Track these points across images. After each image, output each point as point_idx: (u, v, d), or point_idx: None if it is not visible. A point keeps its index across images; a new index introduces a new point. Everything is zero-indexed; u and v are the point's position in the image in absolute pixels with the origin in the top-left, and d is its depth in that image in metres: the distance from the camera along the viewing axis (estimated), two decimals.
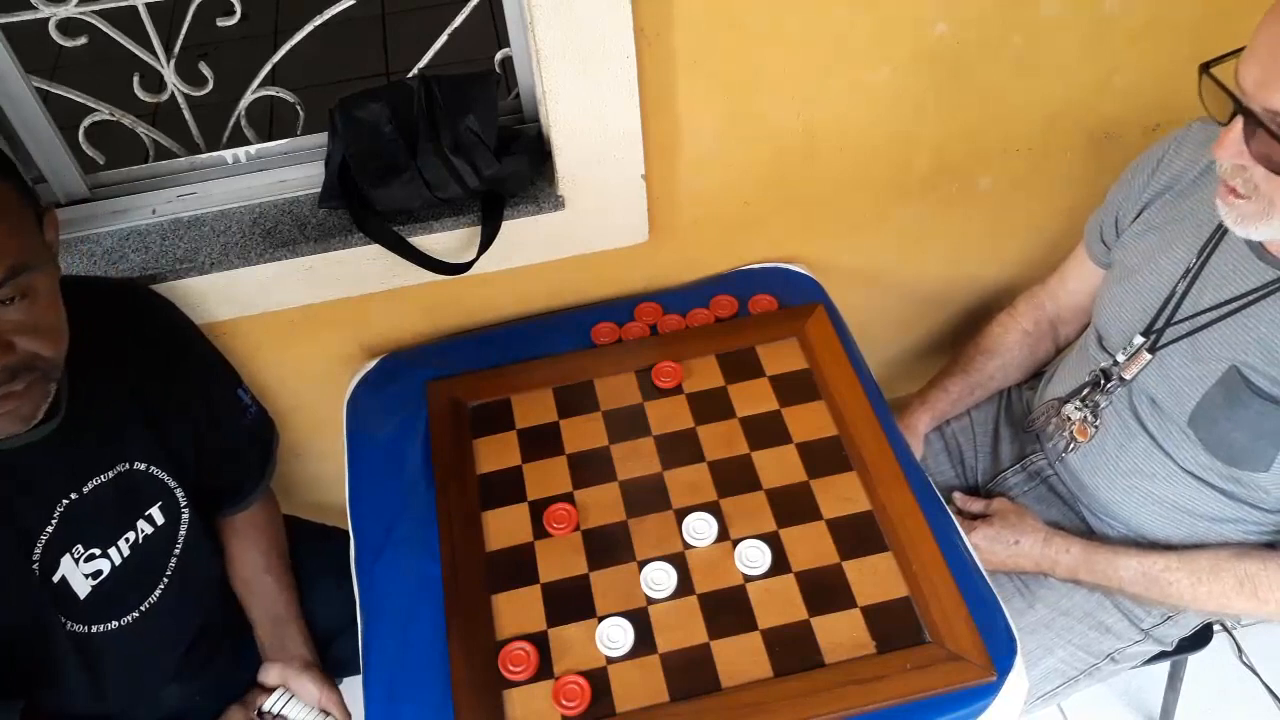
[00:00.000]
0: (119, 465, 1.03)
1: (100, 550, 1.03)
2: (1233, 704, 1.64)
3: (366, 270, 1.31)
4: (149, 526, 1.08)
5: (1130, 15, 1.30)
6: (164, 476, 1.08)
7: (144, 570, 1.08)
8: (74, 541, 1.00)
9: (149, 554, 1.08)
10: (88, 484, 1.00)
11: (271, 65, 1.25)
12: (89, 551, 1.02)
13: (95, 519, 1.02)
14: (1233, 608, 1.09)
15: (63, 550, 1.00)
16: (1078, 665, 1.21)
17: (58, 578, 1.00)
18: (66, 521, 0.99)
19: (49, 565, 0.99)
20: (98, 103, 1.24)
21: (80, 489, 1.00)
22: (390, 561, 1.17)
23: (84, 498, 1.00)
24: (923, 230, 1.53)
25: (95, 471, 1.01)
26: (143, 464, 1.06)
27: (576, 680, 1.03)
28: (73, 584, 1.01)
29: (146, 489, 1.07)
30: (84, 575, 1.02)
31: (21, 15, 1.14)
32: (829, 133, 1.35)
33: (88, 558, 1.02)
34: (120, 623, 1.06)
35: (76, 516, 1.00)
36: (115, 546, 1.04)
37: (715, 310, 1.39)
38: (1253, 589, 1.06)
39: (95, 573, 1.03)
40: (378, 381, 1.38)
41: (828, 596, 1.08)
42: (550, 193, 1.31)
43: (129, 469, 1.04)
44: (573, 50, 1.16)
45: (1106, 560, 1.14)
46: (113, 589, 1.05)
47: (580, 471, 1.22)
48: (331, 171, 1.27)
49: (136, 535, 1.06)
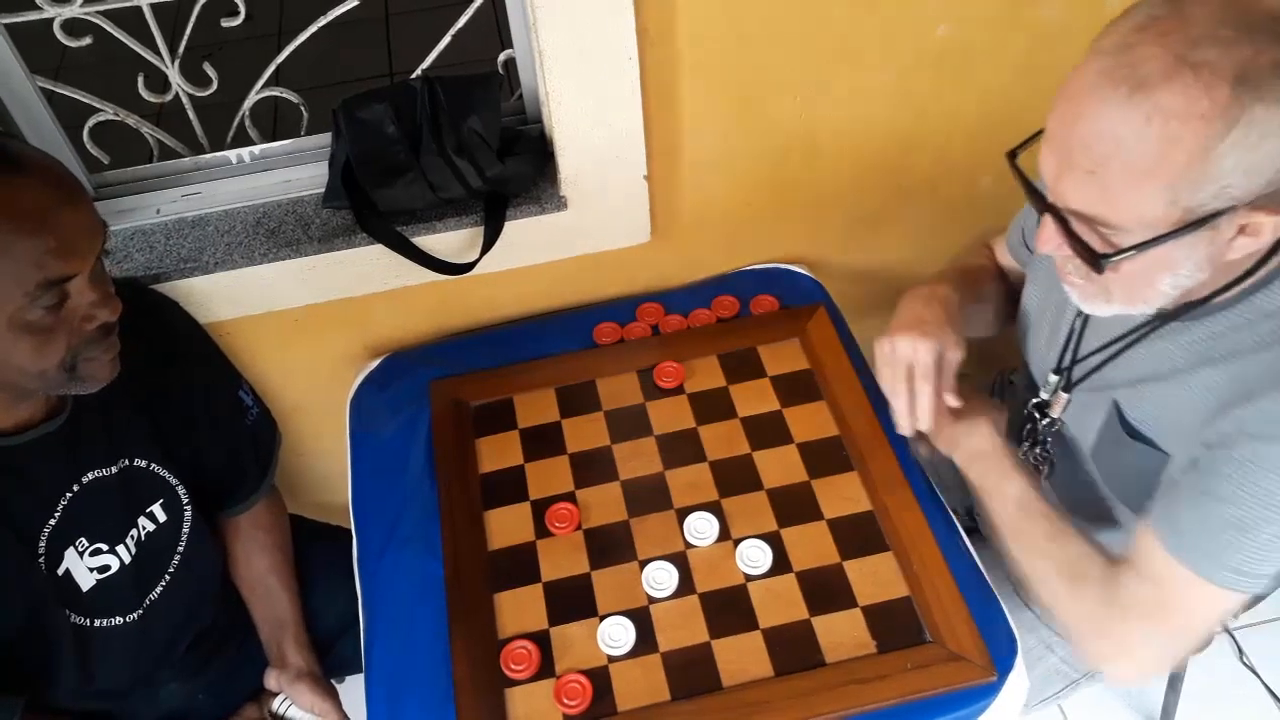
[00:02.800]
0: (120, 461, 1.04)
1: (107, 546, 1.04)
2: (1233, 705, 1.64)
3: (370, 270, 1.31)
4: (151, 523, 1.08)
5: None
6: (165, 474, 1.09)
7: (147, 567, 1.09)
8: (77, 535, 1.01)
9: (152, 551, 1.09)
10: (88, 475, 1.02)
11: (276, 66, 1.26)
12: (94, 545, 1.03)
13: (97, 513, 1.03)
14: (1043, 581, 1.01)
15: (66, 543, 1.01)
16: (1079, 666, 1.21)
17: (62, 570, 1.01)
18: (69, 515, 1.00)
19: (54, 558, 1.00)
20: (102, 103, 1.25)
21: (81, 480, 1.01)
22: (393, 560, 1.18)
23: (85, 490, 1.01)
24: (925, 231, 1.53)
25: (96, 465, 1.02)
26: (143, 461, 1.07)
27: (578, 679, 1.03)
28: (76, 577, 1.02)
29: (148, 485, 1.08)
30: (88, 569, 1.03)
31: (27, 15, 1.14)
32: (831, 133, 1.36)
33: (93, 552, 1.03)
34: (124, 619, 1.07)
35: (79, 510, 1.01)
36: (124, 544, 1.05)
37: (717, 310, 1.40)
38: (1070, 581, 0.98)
39: (103, 568, 1.04)
40: (381, 381, 1.38)
41: (829, 596, 1.08)
42: (553, 193, 1.31)
43: (130, 465, 1.05)
44: (576, 51, 1.16)
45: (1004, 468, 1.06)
46: (117, 585, 1.05)
47: (582, 471, 1.22)
48: (335, 172, 1.27)
49: (139, 532, 1.07)
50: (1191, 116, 0.70)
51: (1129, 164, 0.73)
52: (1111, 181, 0.75)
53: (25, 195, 0.82)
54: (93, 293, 0.88)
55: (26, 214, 0.82)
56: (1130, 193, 0.75)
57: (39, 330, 0.86)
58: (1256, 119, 0.69)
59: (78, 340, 0.89)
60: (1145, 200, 0.74)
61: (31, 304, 0.84)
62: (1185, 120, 0.70)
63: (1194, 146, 0.71)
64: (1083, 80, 0.75)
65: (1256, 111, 0.69)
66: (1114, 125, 0.73)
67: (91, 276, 0.88)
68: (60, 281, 0.85)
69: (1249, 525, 0.82)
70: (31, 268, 0.82)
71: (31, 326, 0.85)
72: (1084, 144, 0.75)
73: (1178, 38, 0.71)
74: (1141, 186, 0.74)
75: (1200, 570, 0.85)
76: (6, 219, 0.81)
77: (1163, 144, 0.72)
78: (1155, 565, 0.89)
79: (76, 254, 0.85)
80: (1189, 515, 0.86)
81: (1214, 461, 0.84)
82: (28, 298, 0.83)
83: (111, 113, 1.26)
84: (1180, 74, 0.70)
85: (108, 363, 0.93)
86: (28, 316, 0.84)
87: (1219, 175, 0.72)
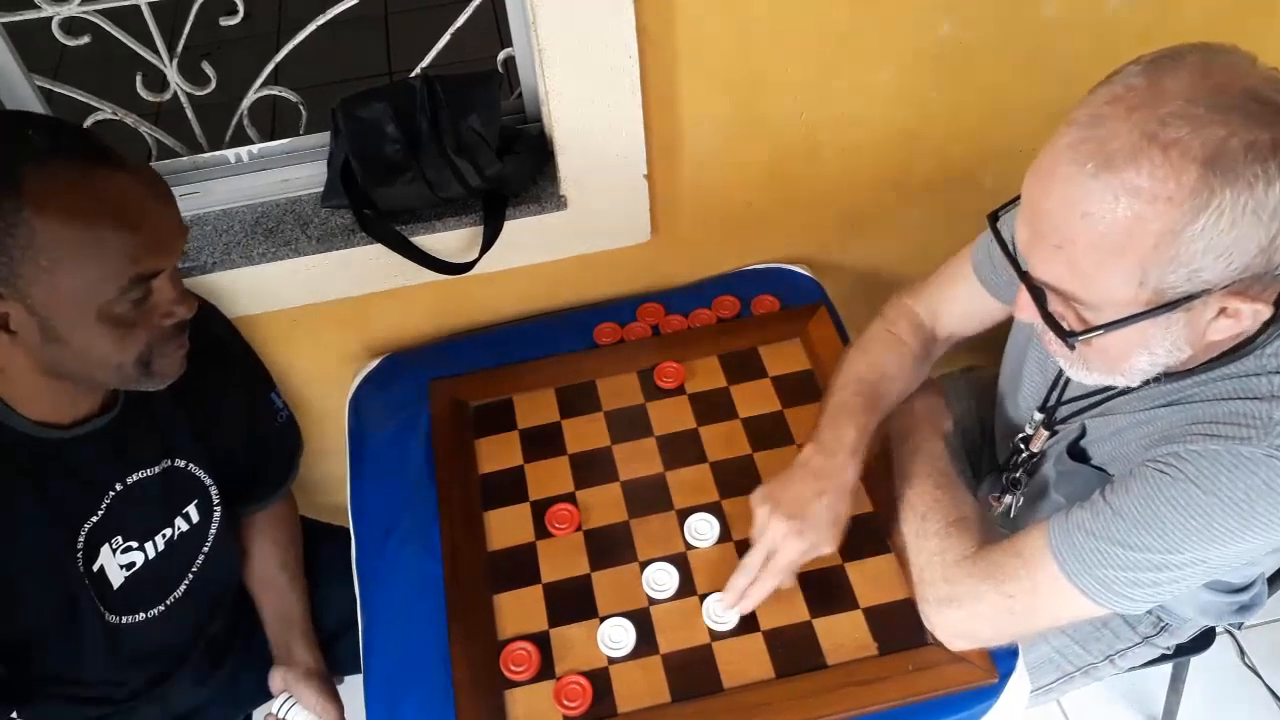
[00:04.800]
0: (164, 461, 1.06)
1: (137, 544, 1.05)
2: (1235, 705, 1.64)
3: (369, 270, 1.31)
4: (185, 524, 1.10)
5: (1134, 15, 1.30)
6: (201, 474, 1.10)
7: (173, 566, 1.09)
8: (115, 532, 1.02)
9: (180, 550, 1.10)
10: (134, 475, 1.03)
11: (274, 65, 1.25)
12: (126, 543, 1.04)
13: (138, 512, 1.04)
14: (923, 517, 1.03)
15: (104, 540, 1.02)
16: (1074, 660, 1.21)
17: (97, 567, 1.02)
18: (111, 512, 1.01)
19: (90, 554, 1.01)
20: (101, 102, 1.24)
21: (126, 479, 1.02)
22: (391, 561, 1.17)
23: (130, 490, 1.02)
24: (925, 231, 1.52)
25: (142, 465, 1.04)
26: (183, 461, 1.08)
27: (578, 680, 1.03)
28: (109, 574, 1.03)
29: (186, 486, 1.09)
30: (119, 566, 1.04)
31: (25, 14, 1.14)
32: (832, 133, 1.35)
33: (124, 549, 1.04)
34: (145, 615, 1.08)
35: (121, 508, 1.02)
36: (151, 541, 1.06)
37: (717, 311, 1.39)
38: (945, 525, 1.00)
39: (129, 564, 1.05)
40: (380, 381, 1.38)
41: (830, 598, 1.07)
42: (552, 192, 1.31)
43: (172, 465, 1.07)
44: (575, 50, 1.16)
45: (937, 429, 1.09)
46: (143, 582, 1.06)
47: (582, 471, 1.22)
48: (334, 171, 1.27)
49: (173, 531, 1.08)
50: (1158, 198, 0.68)
51: (1096, 243, 0.72)
52: (1079, 258, 0.74)
53: (125, 191, 0.85)
54: (172, 290, 0.91)
55: (125, 209, 0.84)
56: (1098, 271, 0.73)
57: (124, 324, 0.88)
58: (1227, 204, 0.67)
59: (155, 336, 0.91)
60: (1114, 279, 0.73)
61: (120, 297, 0.86)
62: (1152, 202, 0.69)
63: (1161, 229, 0.69)
64: (1054, 153, 0.74)
65: (1226, 196, 0.67)
66: (1082, 202, 0.71)
67: (172, 274, 0.91)
68: (149, 277, 0.87)
69: (1128, 543, 0.83)
70: (126, 262, 0.84)
71: (118, 319, 0.87)
72: (1052, 219, 0.74)
73: (1148, 113, 0.69)
74: (1109, 265, 0.72)
75: (1066, 568, 0.87)
76: (108, 213, 0.83)
77: (1130, 224, 0.70)
78: (1032, 547, 0.90)
79: (165, 251, 0.88)
80: (1081, 515, 0.87)
81: (1127, 479, 0.85)
82: (119, 291, 0.85)
83: (110, 112, 1.25)
84: (1148, 153, 0.68)
85: (179, 360, 0.96)
86: (116, 309, 0.86)
87: (1189, 259, 0.70)
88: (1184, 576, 0.84)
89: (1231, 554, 0.82)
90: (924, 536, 1.02)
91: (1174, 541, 0.81)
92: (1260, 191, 0.67)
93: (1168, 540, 0.81)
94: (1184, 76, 0.69)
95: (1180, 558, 0.82)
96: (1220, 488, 0.79)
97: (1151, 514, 0.82)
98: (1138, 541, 0.83)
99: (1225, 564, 0.83)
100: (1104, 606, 0.86)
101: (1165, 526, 0.81)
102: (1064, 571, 0.87)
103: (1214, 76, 0.69)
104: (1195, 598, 1.10)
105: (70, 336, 0.86)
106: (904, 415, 1.15)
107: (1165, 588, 0.84)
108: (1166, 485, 0.82)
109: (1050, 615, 0.92)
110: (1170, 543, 0.81)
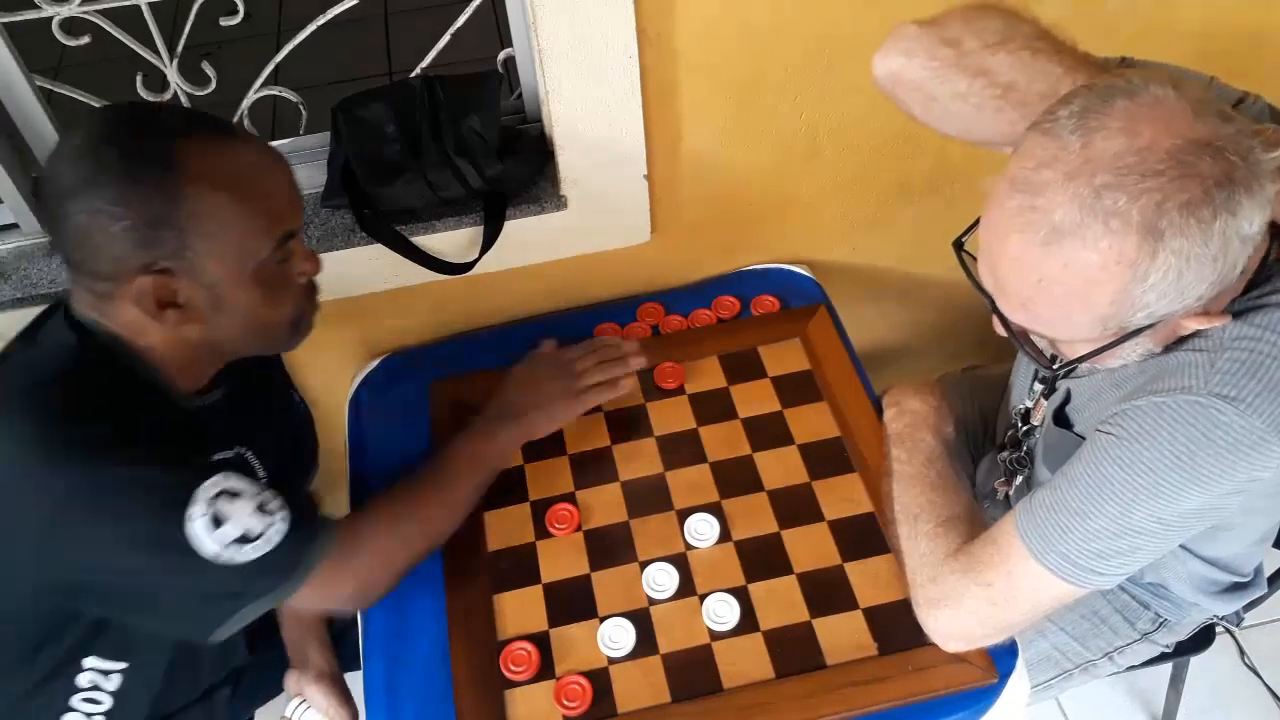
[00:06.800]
0: (236, 447, 1.06)
1: None
2: (1235, 705, 1.64)
3: (369, 270, 1.31)
4: None
5: (1134, 16, 1.30)
6: (257, 465, 1.09)
7: None
8: None
9: None
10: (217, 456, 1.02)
11: (274, 65, 1.25)
12: None
13: None
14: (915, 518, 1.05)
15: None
16: (1073, 657, 1.21)
17: None
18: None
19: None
20: (101, 102, 1.24)
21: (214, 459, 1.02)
22: None
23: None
24: (925, 231, 1.52)
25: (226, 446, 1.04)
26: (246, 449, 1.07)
27: (578, 680, 1.03)
28: None
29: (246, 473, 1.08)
30: None
31: (25, 15, 1.14)
32: (831, 133, 1.35)
33: None
34: None
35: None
36: None
37: (717, 311, 1.39)
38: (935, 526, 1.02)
39: None
40: (380, 382, 1.38)
41: (830, 598, 1.08)
42: (553, 193, 1.31)
43: (241, 452, 1.06)
44: (575, 50, 1.16)
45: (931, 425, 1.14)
46: None
47: (582, 472, 1.22)
48: (334, 171, 1.27)
49: None
50: (1107, 264, 0.72)
51: (1053, 303, 0.77)
52: (1041, 313, 0.79)
53: (258, 157, 0.90)
54: (305, 249, 0.95)
55: (264, 173, 0.89)
56: (1064, 321, 0.79)
57: (276, 284, 0.92)
58: (1171, 259, 0.71)
59: (297, 295, 0.96)
60: (1079, 327, 0.79)
61: (270, 256, 0.89)
62: (1102, 268, 0.72)
63: (1113, 290, 0.73)
64: (1003, 216, 0.77)
65: (1169, 252, 0.71)
66: (1036, 269, 0.75)
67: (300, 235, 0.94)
68: (291, 236, 0.91)
69: (1084, 511, 0.85)
70: (274, 220, 0.89)
71: (270, 280, 0.91)
72: (1011, 283, 0.79)
73: (1083, 183, 0.72)
74: (1072, 317, 0.77)
75: (1031, 547, 0.89)
76: (253, 177, 0.88)
77: (1084, 287, 0.74)
78: (1004, 533, 0.92)
79: (299, 209, 0.93)
80: (1043, 492, 0.90)
81: (1082, 447, 0.88)
82: (271, 249, 0.89)
83: None
84: (1090, 226, 0.71)
85: (315, 319, 1.00)
86: (268, 269, 0.90)
87: (1145, 305, 0.74)
88: (1144, 544, 0.85)
89: (1184, 510, 0.83)
90: (916, 539, 1.04)
91: (1125, 503, 0.83)
92: (1199, 242, 0.70)
93: (1119, 502, 0.83)
94: (1114, 137, 0.72)
95: (1133, 520, 0.83)
96: (1161, 441, 0.81)
97: (1101, 477, 0.84)
98: (1092, 509, 0.85)
99: (1184, 524, 0.85)
100: (1074, 584, 0.88)
101: (1114, 487, 0.83)
102: (1030, 551, 0.89)
103: (1142, 135, 0.71)
104: (1184, 569, 1.10)
105: (236, 300, 0.90)
106: (904, 415, 1.16)
107: (1129, 557, 0.86)
108: (1112, 445, 0.84)
109: (1029, 601, 0.92)
110: (1121, 505, 0.83)
